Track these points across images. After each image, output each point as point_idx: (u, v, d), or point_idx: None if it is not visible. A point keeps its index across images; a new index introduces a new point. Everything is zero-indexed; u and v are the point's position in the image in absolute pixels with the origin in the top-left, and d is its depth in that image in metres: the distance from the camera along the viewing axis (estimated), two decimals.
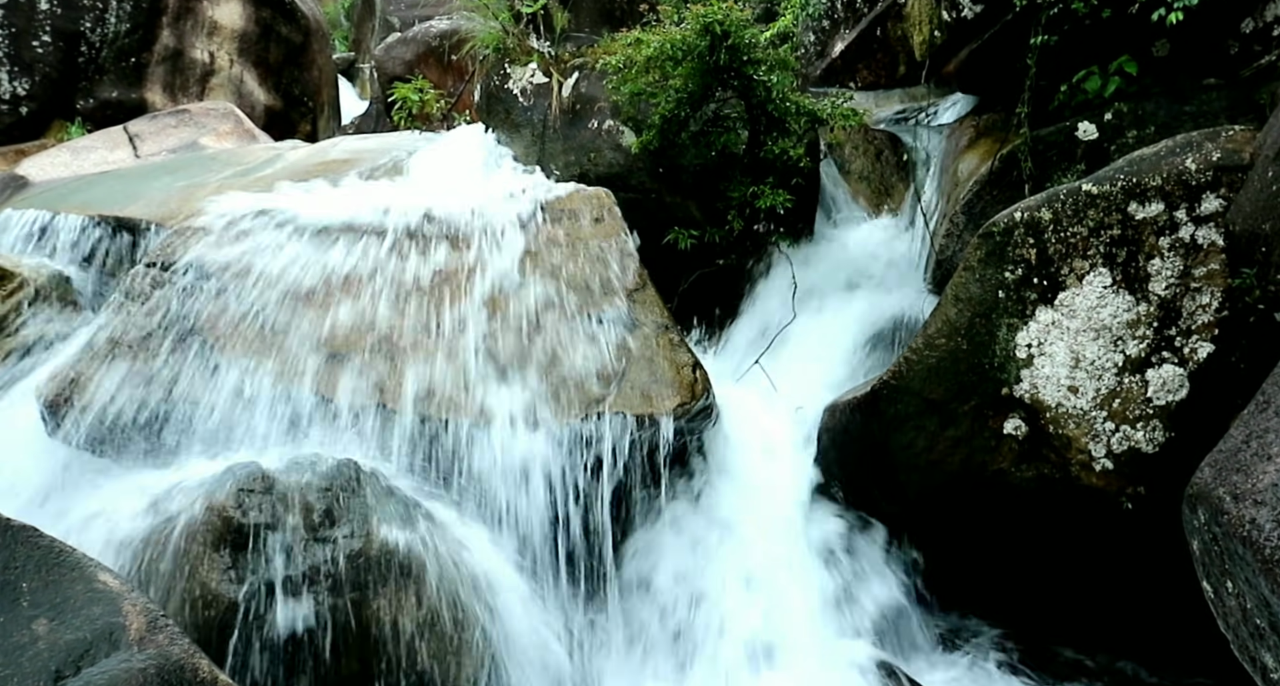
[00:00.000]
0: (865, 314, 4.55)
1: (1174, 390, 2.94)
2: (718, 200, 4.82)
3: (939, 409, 3.29)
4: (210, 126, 6.29)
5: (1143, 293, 2.99)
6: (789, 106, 4.69)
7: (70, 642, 1.79)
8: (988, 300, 3.20)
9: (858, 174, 5.39)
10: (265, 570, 2.57)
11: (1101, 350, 3.04)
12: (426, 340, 3.37)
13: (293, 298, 3.40)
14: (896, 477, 3.44)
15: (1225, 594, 1.79)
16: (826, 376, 4.26)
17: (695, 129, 4.84)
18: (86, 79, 6.93)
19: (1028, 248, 3.14)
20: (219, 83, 7.47)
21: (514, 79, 5.42)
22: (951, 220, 4.26)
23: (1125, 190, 3.02)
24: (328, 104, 8.84)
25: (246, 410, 3.11)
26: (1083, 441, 3.05)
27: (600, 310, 3.63)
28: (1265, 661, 1.72)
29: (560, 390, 3.33)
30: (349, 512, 2.73)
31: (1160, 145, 3.12)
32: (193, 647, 1.87)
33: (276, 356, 3.23)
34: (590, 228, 3.96)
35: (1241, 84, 3.63)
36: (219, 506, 2.64)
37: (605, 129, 5.10)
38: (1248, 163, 2.87)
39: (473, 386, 3.27)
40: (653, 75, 4.71)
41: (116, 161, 5.67)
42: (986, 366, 3.21)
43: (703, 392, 3.50)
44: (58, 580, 1.90)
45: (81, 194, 4.46)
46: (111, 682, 1.71)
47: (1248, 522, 1.62)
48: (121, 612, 1.86)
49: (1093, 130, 3.85)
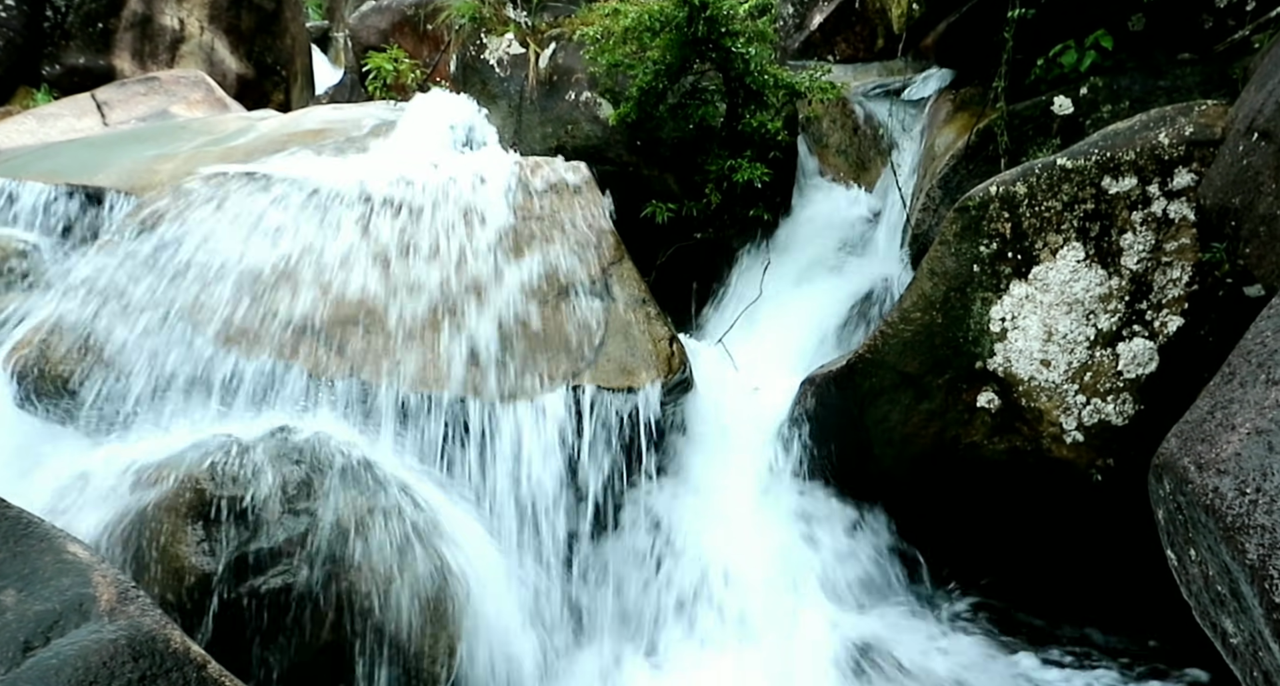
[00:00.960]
0: (842, 287, 4.57)
1: (1144, 363, 2.97)
2: (695, 173, 4.80)
3: (914, 382, 3.31)
4: (181, 95, 6.18)
5: (1115, 267, 3.02)
6: (767, 79, 4.67)
7: (39, 613, 1.77)
8: (962, 274, 3.22)
9: (835, 148, 5.39)
10: (239, 542, 2.55)
11: (1074, 324, 3.06)
12: (402, 313, 3.35)
13: (265, 269, 3.37)
14: (871, 451, 3.46)
15: (1188, 562, 1.82)
16: (802, 350, 4.28)
17: (673, 101, 4.81)
18: (52, 44, 6.78)
19: (1002, 222, 3.15)
20: (189, 50, 7.33)
21: (490, 49, 5.37)
22: (928, 194, 4.27)
23: (1099, 165, 3.03)
24: (301, 73, 8.71)
25: (218, 381, 3.08)
26: (1054, 414, 3.08)
27: (577, 284, 3.62)
28: (1225, 627, 1.75)
29: (537, 364, 3.33)
30: (324, 485, 2.72)
31: (1134, 120, 3.13)
32: (164, 619, 1.86)
33: (248, 328, 3.20)
34: (567, 201, 3.93)
35: (1215, 58, 3.65)
36: (192, 478, 2.61)
37: (583, 101, 5.07)
38: (1219, 137, 2.88)
39: (450, 360, 3.26)
40: (630, 46, 4.68)
41: (84, 129, 5.56)
42: (961, 340, 3.23)
43: (679, 366, 3.50)
44: (25, 551, 1.88)
45: (48, 162, 4.38)
46: (82, 653, 1.70)
47: (1211, 491, 1.65)
48: (91, 583, 1.84)
49: (1068, 105, 3.87)
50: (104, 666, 1.70)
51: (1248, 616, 1.62)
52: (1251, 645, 1.68)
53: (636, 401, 3.35)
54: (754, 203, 4.87)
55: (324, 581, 2.58)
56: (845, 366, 3.47)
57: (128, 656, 1.73)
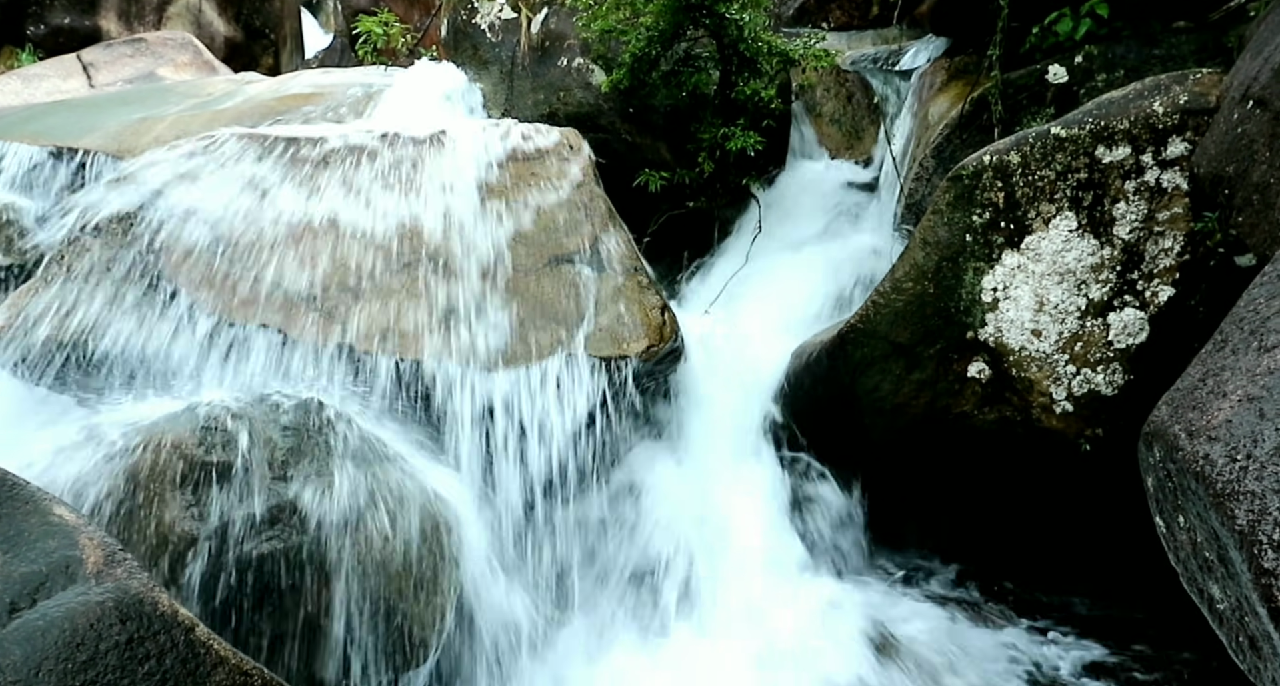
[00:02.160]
0: (834, 256, 4.55)
1: (1134, 333, 2.98)
2: (688, 141, 4.77)
3: (905, 352, 3.31)
4: (168, 57, 6.09)
5: (1107, 237, 3.01)
6: (761, 46, 4.62)
7: (25, 575, 1.77)
8: (955, 244, 3.21)
9: (829, 116, 5.35)
10: (227, 508, 2.55)
11: (1065, 294, 3.06)
12: (393, 281, 3.33)
13: (251, 234, 3.33)
14: (862, 421, 3.47)
15: (1177, 529, 1.83)
16: (793, 319, 4.27)
17: (666, 68, 4.77)
18: (37, 3, 6.67)
19: (996, 191, 3.14)
20: (176, 12, 7.22)
21: (482, 14, 5.30)
22: (921, 163, 4.25)
23: (1093, 133, 3.01)
24: (290, 36, 8.60)
25: (207, 347, 3.06)
26: (1044, 384, 3.08)
27: (568, 251, 3.59)
28: (1212, 592, 1.76)
29: (528, 331, 3.31)
30: (313, 452, 2.71)
31: (1129, 88, 3.11)
32: (151, 581, 1.85)
33: (235, 293, 3.18)
34: (559, 168, 3.90)
35: (1210, 27, 3.62)
36: (181, 443, 2.60)
37: (575, 67, 5.01)
38: (1214, 106, 2.87)
39: (442, 328, 3.24)
40: (623, 12, 4.62)
41: (70, 91, 5.49)
42: (952, 310, 3.22)
43: (671, 335, 3.49)
44: (11, 513, 1.87)
45: (33, 123, 4.32)
46: (69, 615, 1.70)
47: (1201, 458, 1.65)
48: (78, 546, 1.84)
49: (1063, 73, 3.84)
50: (91, 628, 1.70)
51: (1235, 582, 1.62)
52: (1238, 610, 1.69)
53: (627, 369, 3.34)
54: (747, 171, 4.84)
55: (313, 547, 2.57)
56: (836, 336, 3.46)
57: (115, 618, 1.73)
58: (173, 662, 1.75)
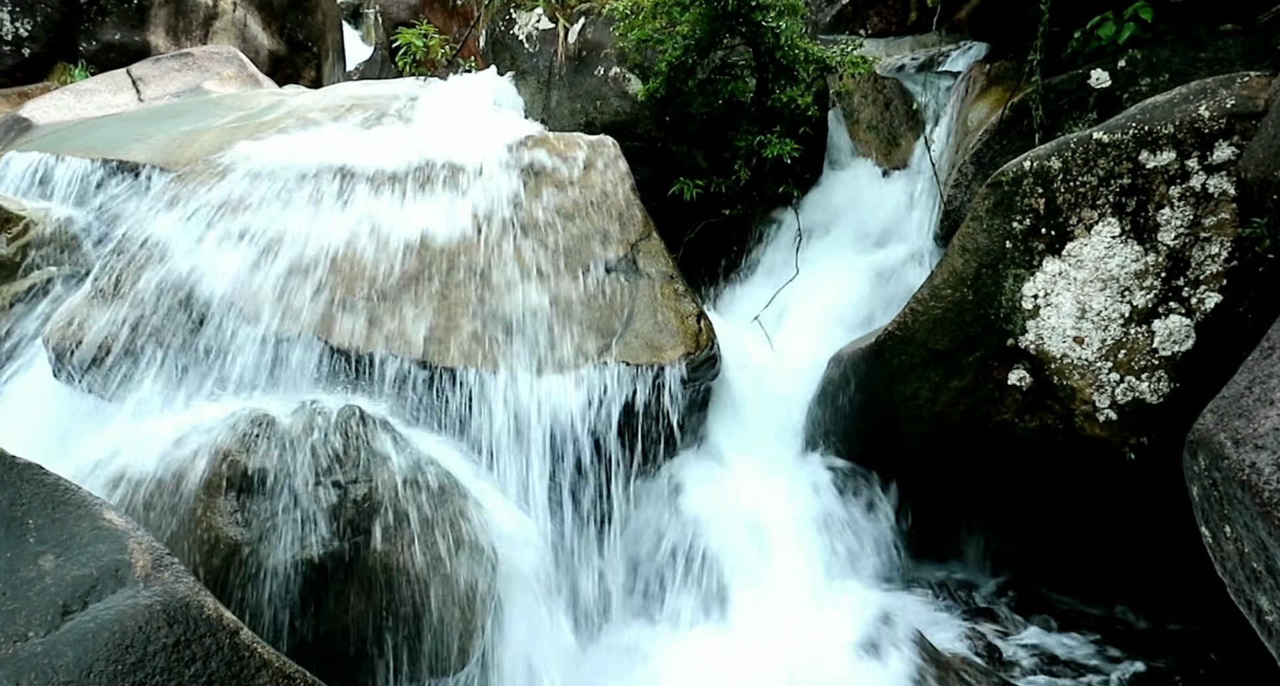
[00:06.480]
0: (872, 264, 4.52)
1: (1180, 341, 2.93)
2: (724, 149, 4.77)
3: (944, 360, 3.28)
4: (214, 70, 6.21)
5: (1151, 243, 2.97)
6: (798, 54, 4.62)
7: (77, 578, 1.81)
8: (995, 250, 3.18)
9: (866, 123, 5.32)
10: (271, 514, 2.59)
11: (1108, 301, 3.02)
12: (430, 287, 3.36)
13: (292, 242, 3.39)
14: (899, 428, 3.44)
15: (1223, 538, 1.80)
16: (830, 327, 4.25)
17: (702, 77, 4.78)
18: (89, 20, 6.84)
19: (1036, 197, 3.11)
20: (222, 26, 7.37)
21: (519, 24, 5.35)
22: (960, 170, 4.22)
23: (1137, 138, 2.97)
24: (332, 49, 8.73)
25: (250, 355, 3.11)
26: (1087, 392, 3.04)
27: (604, 259, 3.61)
28: (1260, 604, 1.73)
29: (564, 339, 3.33)
30: (354, 458, 2.74)
31: (1174, 92, 3.06)
32: (198, 585, 1.89)
33: (277, 302, 3.23)
34: (595, 176, 3.92)
35: (1258, 29, 3.56)
36: (226, 450, 2.65)
37: (611, 76, 5.04)
38: (1262, 109, 2.82)
39: (478, 335, 3.27)
40: (660, 21, 4.64)
41: (120, 105, 5.62)
42: (992, 317, 3.19)
43: (707, 343, 3.49)
44: (63, 517, 1.92)
45: (85, 137, 4.43)
46: (118, 618, 1.74)
47: (1248, 466, 1.62)
48: (127, 550, 1.88)
49: (1105, 78, 3.79)
50: (139, 631, 1.73)
51: None
52: None
53: (664, 377, 3.34)
54: (783, 179, 4.83)
55: (354, 553, 2.61)
56: (874, 343, 3.44)
57: (163, 621, 1.77)
58: (218, 665, 1.79)
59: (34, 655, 1.67)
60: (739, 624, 3.19)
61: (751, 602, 3.22)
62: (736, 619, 3.19)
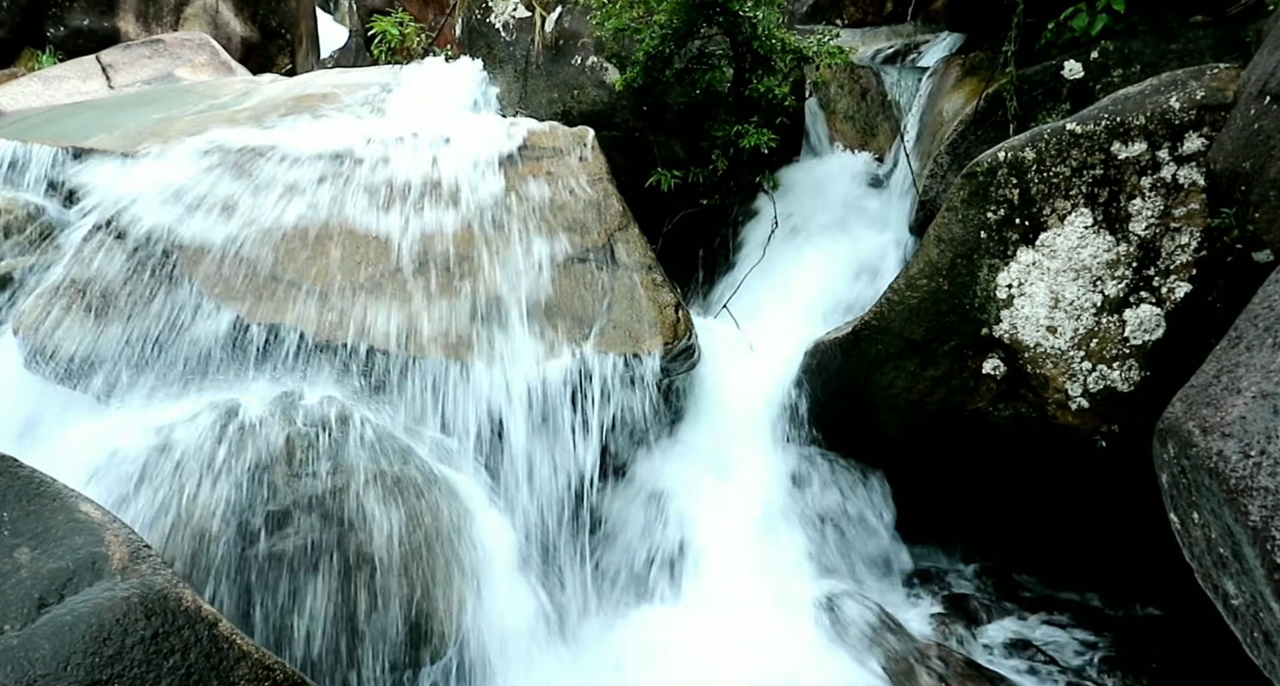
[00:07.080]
0: (848, 254, 4.55)
1: (1150, 330, 2.97)
2: (702, 139, 4.77)
3: (920, 349, 3.31)
4: (185, 58, 6.14)
5: (1123, 233, 3.00)
6: (775, 44, 4.62)
7: (53, 571, 1.80)
8: (969, 241, 3.21)
9: (843, 113, 5.34)
10: (249, 505, 2.58)
11: (1081, 290, 3.05)
12: (405, 278, 3.35)
13: (268, 232, 3.37)
14: (876, 417, 3.47)
15: (1191, 525, 1.83)
16: (807, 317, 4.27)
17: (680, 66, 4.77)
18: (56, 5, 6.73)
19: (1010, 188, 3.13)
20: (194, 13, 7.27)
21: (496, 13, 5.32)
22: (935, 160, 4.25)
23: (1109, 129, 3.01)
24: (306, 37, 8.65)
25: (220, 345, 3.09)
26: (1059, 381, 3.08)
27: (582, 249, 3.61)
28: (1227, 588, 1.76)
29: (541, 329, 3.33)
30: (331, 449, 2.74)
31: (1145, 84, 3.10)
32: (176, 577, 1.88)
33: (251, 292, 3.21)
34: (572, 166, 3.92)
35: (1228, 22, 3.60)
36: (202, 441, 2.64)
37: (589, 66, 5.03)
38: (1231, 101, 2.86)
39: (453, 325, 3.26)
40: (637, 10, 4.63)
41: (90, 92, 5.54)
42: (967, 307, 3.22)
43: (685, 333, 3.50)
44: (39, 510, 1.90)
45: (54, 125, 4.37)
46: (95, 610, 1.73)
47: (1215, 454, 1.65)
48: (104, 542, 1.87)
49: (1079, 69, 3.83)
50: (117, 623, 1.73)
51: (1249, 578, 1.63)
52: (1253, 606, 1.69)
53: (641, 367, 3.35)
54: (761, 169, 4.84)
55: (333, 543, 2.60)
56: (850, 333, 3.47)
57: (140, 614, 1.76)
58: (197, 657, 1.78)
59: (9, 648, 1.66)
60: (712, 613, 3.21)
61: (726, 591, 3.24)
62: (710, 608, 3.21)
